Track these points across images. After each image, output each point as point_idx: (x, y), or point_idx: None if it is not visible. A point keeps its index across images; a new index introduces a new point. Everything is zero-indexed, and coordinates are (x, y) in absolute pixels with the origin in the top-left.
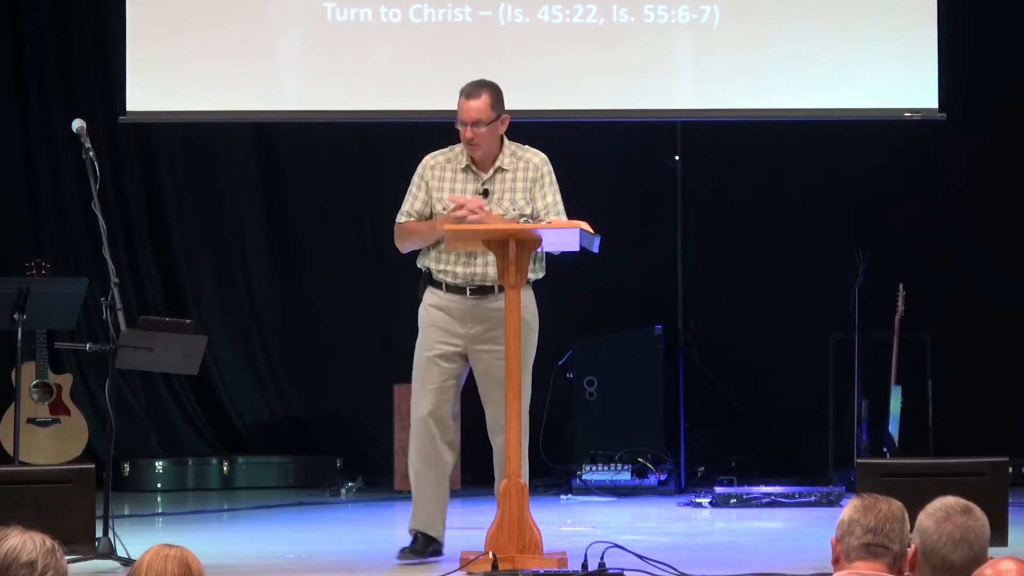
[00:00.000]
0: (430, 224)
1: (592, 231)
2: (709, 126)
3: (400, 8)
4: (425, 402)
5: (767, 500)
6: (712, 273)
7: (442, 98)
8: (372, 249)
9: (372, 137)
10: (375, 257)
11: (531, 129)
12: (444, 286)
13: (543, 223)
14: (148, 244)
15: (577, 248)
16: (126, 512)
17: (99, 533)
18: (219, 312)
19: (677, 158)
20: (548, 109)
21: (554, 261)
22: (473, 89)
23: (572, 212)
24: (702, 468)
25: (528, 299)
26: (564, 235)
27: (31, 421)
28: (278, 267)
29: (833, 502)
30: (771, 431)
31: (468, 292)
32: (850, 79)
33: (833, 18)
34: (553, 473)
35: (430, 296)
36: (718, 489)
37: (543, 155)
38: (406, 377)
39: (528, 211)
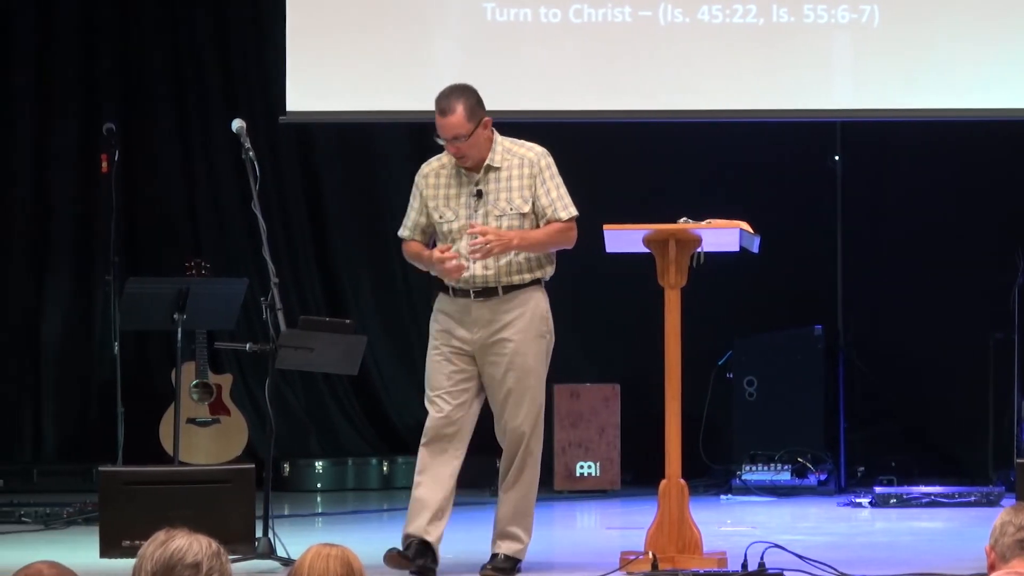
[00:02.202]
0: (426, 260)
1: (752, 231)
2: (869, 126)
3: (560, 8)
4: (435, 405)
5: (927, 500)
6: (871, 273)
7: (601, 98)
8: None
9: (529, 136)
10: None
11: (690, 128)
12: (451, 291)
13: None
14: (308, 244)
15: (737, 248)
16: (286, 512)
17: (259, 533)
18: (378, 312)
19: (837, 158)
20: (707, 109)
21: (714, 261)
22: (446, 104)
23: (731, 212)
24: (862, 468)
25: (538, 300)
26: (724, 235)
27: (191, 421)
28: None
29: (993, 502)
30: (931, 431)
31: (472, 295)
32: (1011, 79)
33: (994, 17)
34: (713, 473)
35: (439, 301)
36: (878, 489)
37: (540, 148)
38: (565, 377)
39: (526, 209)
